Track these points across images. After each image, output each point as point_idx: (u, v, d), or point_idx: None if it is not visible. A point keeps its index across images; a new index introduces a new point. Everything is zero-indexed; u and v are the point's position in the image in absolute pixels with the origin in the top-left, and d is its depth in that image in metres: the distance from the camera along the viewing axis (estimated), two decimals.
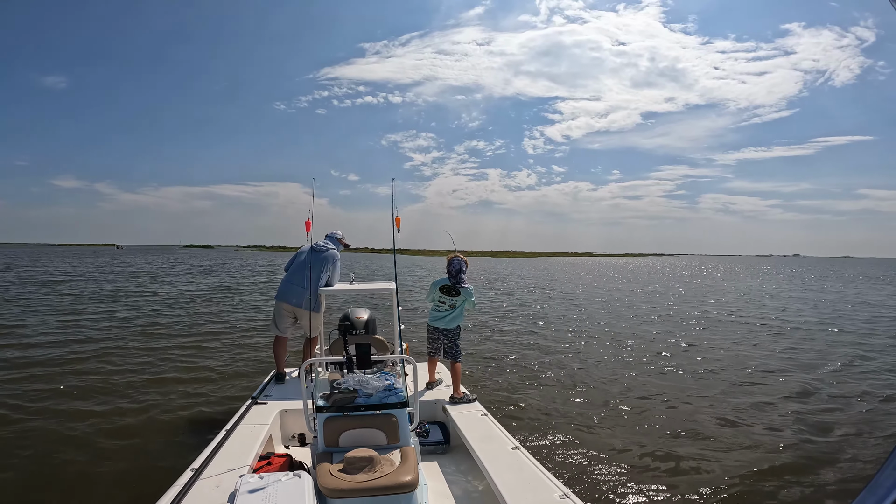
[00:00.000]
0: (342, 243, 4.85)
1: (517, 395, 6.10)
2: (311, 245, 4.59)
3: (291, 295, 4.55)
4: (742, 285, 29.62)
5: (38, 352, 7.80)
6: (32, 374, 6.58)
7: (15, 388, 5.89)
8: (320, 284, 4.51)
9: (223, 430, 3.22)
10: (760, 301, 19.50)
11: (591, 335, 10.61)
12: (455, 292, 4.22)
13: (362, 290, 4.75)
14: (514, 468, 2.73)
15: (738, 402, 5.97)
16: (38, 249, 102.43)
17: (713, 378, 7.18)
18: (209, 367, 7.11)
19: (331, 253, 4.63)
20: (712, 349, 9.28)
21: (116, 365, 7.09)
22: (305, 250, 4.61)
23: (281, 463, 2.78)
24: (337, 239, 4.82)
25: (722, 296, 21.62)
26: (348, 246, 4.92)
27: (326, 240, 4.76)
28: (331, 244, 4.72)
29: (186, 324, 10.91)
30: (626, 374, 7.26)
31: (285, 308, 4.59)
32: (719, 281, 33.86)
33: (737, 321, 13.34)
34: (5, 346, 8.20)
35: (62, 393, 5.71)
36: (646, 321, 13.03)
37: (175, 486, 2.40)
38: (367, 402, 2.62)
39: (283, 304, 4.59)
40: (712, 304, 17.98)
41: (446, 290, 4.25)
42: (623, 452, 4.44)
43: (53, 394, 5.67)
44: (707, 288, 26.59)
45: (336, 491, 2.14)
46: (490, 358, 8.20)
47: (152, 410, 5.23)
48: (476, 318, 12.09)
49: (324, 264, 4.54)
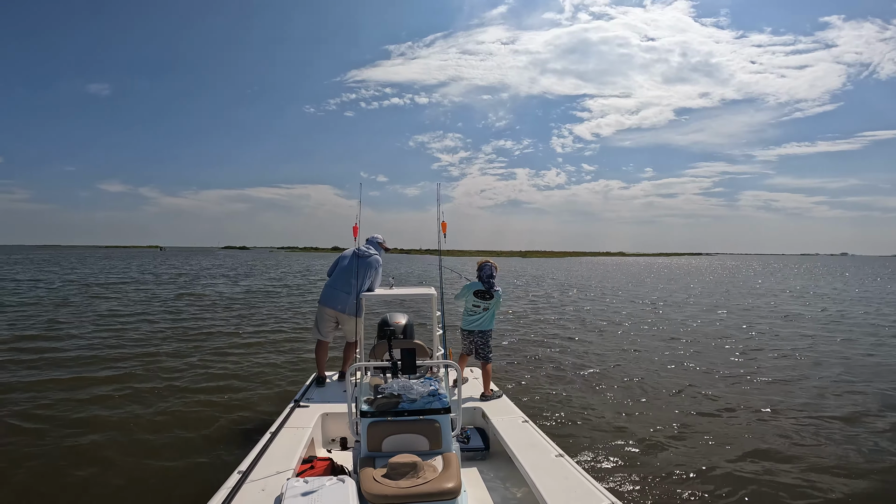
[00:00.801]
0: (383, 247, 4.89)
1: (565, 402, 5.93)
2: (354, 250, 4.60)
3: (336, 300, 4.59)
4: (794, 284, 28.17)
5: (84, 353, 8.22)
6: (82, 375, 6.92)
7: (61, 387, 6.20)
8: (363, 290, 4.55)
9: (268, 432, 3.27)
10: (820, 302, 18.42)
11: (645, 340, 10.18)
12: (489, 296, 4.43)
13: (403, 294, 4.76)
14: (559, 476, 2.65)
15: (821, 419, 5.35)
16: (89, 251, 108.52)
17: (788, 388, 6.62)
18: (252, 370, 7.30)
19: (374, 258, 4.67)
20: (784, 356, 8.63)
21: (161, 367, 7.36)
22: (348, 255, 4.63)
23: (324, 467, 2.79)
24: (378, 243, 4.85)
25: (778, 296, 20.60)
26: (388, 249, 4.95)
27: (368, 244, 4.78)
28: (373, 249, 4.75)
29: (230, 325, 11.26)
30: (692, 382, 6.81)
31: (328, 312, 4.64)
32: (772, 280, 32.33)
33: (801, 323, 12.58)
34: (73, 346, 8.67)
35: (105, 395, 5.94)
36: (702, 323, 12.48)
37: (223, 488, 2.45)
38: (411, 408, 2.61)
39: (326, 308, 4.64)
40: (772, 304, 17.09)
41: (480, 295, 4.46)
42: (684, 468, 4.14)
43: (99, 395, 5.91)
44: (760, 287, 25.42)
45: (379, 496, 2.13)
46: (538, 362, 8.06)
47: (197, 412, 5.38)
48: (524, 323, 11.93)
49: (367, 270, 4.58)
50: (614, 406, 5.79)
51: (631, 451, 4.43)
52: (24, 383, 6.26)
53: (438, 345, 4.49)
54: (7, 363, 7.25)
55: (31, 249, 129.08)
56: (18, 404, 5.44)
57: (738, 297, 20.12)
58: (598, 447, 4.50)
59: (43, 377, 6.55)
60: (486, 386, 4.28)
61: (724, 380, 7.02)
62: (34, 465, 4.04)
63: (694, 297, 20.29)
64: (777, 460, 4.34)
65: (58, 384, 6.25)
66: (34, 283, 21.20)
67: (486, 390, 4.25)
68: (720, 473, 4.03)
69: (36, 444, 4.41)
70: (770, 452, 4.49)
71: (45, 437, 4.56)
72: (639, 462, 4.22)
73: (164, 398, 5.81)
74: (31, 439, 4.53)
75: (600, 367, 7.66)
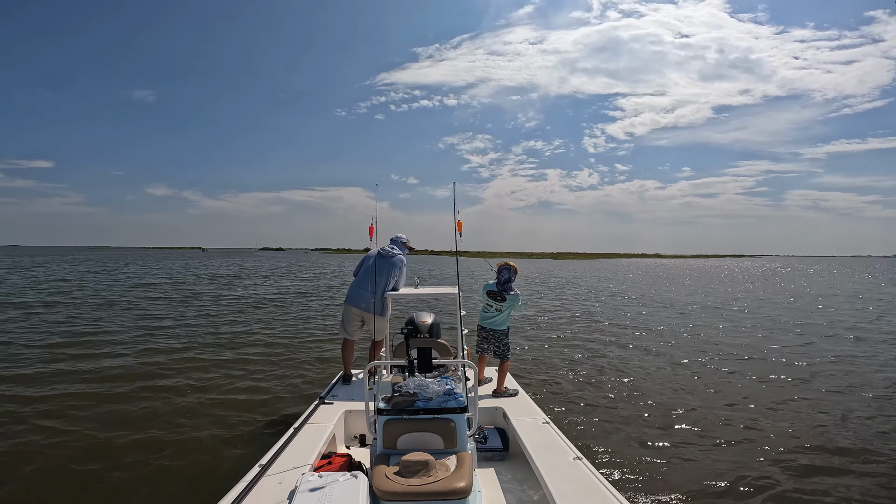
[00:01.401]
0: (407, 247, 4.94)
1: (591, 405, 5.83)
2: (378, 250, 4.67)
3: (360, 300, 4.67)
4: (850, 288, 26.53)
5: (127, 348, 8.67)
6: (118, 371, 7.28)
7: (99, 382, 6.56)
8: (387, 289, 4.61)
9: (291, 428, 3.36)
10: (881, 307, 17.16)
11: (686, 345, 9.78)
12: (501, 298, 4.49)
13: (427, 293, 4.81)
14: (574, 479, 2.61)
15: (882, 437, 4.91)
16: (136, 252, 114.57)
17: (842, 398, 6.14)
18: (285, 366, 7.52)
19: (398, 258, 4.73)
20: (849, 368, 7.84)
21: (196, 364, 7.69)
22: (373, 255, 4.70)
23: (341, 463, 2.83)
24: (402, 243, 4.91)
25: (834, 300, 19.42)
26: (412, 249, 5.01)
27: (392, 244, 4.85)
28: (397, 249, 4.81)
29: (265, 324, 11.64)
30: (740, 392, 6.42)
31: (354, 312, 4.73)
32: (826, 283, 30.51)
33: (868, 333, 11.46)
34: (116, 341, 9.19)
35: (140, 390, 6.25)
36: (755, 329, 11.92)
37: (242, 481, 2.53)
38: (427, 406, 2.63)
39: (352, 308, 4.73)
40: (832, 311, 15.97)
41: (493, 296, 4.55)
42: (709, 482, 3.94)
43: (133, 389, 6.23)
44: (810, 293, 24.07)
45: (389, 493, 2.15)
46: (570, 365, 7.94)
47: (228, 406, 5.58)
48: (575, 331, 11.76)
49: (391, 269, 4.64)
50: (647, 414, 5.62)
51: (655, 461, 4.28)
52: (80, 371, 6.70)
53: (464, 344, 4.49)
54: (61, 357, 7.76)
55: (83, 251, 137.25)
56: (65, 393, 5.82)
57: (805, 301, 19.06)
58: (621, 453, 4.39)
59: (97, 368, 6.97)
60: (499, 383, 4.35)
61: (775, 397, 6.24)
62: (71, 457, 4.29)
63: (746, 301, 19.39)
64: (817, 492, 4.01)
65: (99, 375, 6.65)
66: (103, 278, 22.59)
67: (500, 387, 4.33)
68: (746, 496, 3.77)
69: (72, 438, 4.67)
70: (812, 483, 4.11)
71: (79, 429, 4.83)
72: (662, 472, 4.08)
73: (195, 393, 6.07)
74: (71, 432, 4.82)
75: (637, 375, 7.45)
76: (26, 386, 6.17)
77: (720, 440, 4.79)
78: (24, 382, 6.32)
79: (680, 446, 4.63)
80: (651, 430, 5.03)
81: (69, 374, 6.78)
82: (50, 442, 4.50)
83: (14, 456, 4.20)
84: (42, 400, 5.63)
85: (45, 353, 7.93)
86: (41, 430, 4.75)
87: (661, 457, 4.34)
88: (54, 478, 3.87)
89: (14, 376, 6.60)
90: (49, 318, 11.52)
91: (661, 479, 3.92)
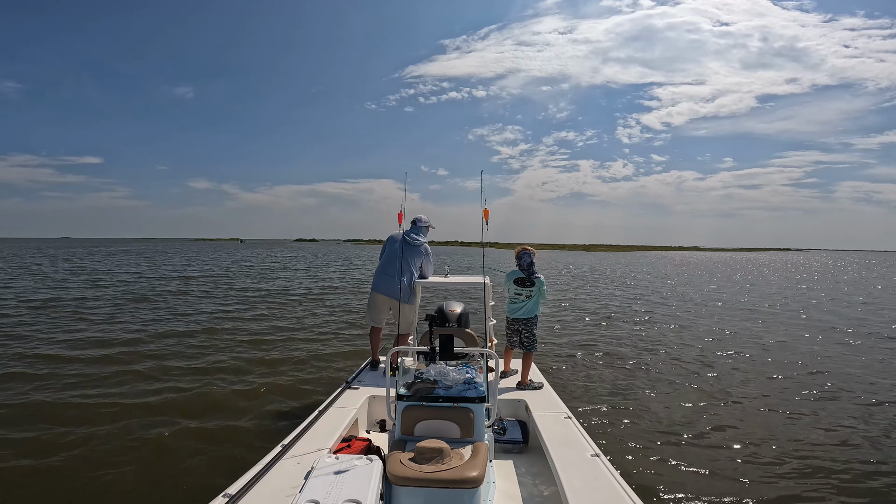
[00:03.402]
0: (429, 228, 4.91)
1: (620, 402, 5.68)
2: (403, 235, 4.69)
3: (385, 286, 4.71)
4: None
5: (174, 327, 9.11)
6: (157, 351, 7.67)
7: (139, 362, 6.91)
8: (414, 277, 4.63)
9: (316, 410, 3.44)
10: None
11: (735, 347, 8.88)
12: (529, 283, 4.42)
13: (455, 283, 4.81)
14: (588, 476, 2.56)
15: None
16: (179, 244, 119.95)
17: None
18: (319, 352, 7.75)
19: (423, 247, 4.76)
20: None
21: (232, 350, 8.01)
22: (398, 239, 4.71)
23: (360, 447, 2.87)
24: (425, 227, 4.87)
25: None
26: (433, 228, 4.97)
27: (415, 229, 4.80)
28: (422, 236, 4.80)
29: (301, 312, 12.01)
30: (795, 405, 5.68)
31: (380, 299, 4.77)
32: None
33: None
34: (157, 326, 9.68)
35: (174, 369, 6.56)
36: (825, 330, 10.74)
37: (264, 459, 2.62)
38: (446, 394, 2.62)
39: (378, 294, 4.77)
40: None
41: (521, 283, 4.45)
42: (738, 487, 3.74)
43: (170, 371, 6.54)
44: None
45: (401, 478, 2.17)
46: (597, 359, 7.78)
47: (261, 390, 5.78)
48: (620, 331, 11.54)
49: (416, 258, 4.67)
50: (680, 415, 5.32)
51: (678, 465, 4.07)
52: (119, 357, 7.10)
53: (491, 334, 4.47)
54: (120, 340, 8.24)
55: (130, 242, 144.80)
56: (105, 375, 6.19)
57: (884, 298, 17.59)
58: (644, 454, 4.23)
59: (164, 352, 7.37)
60: (524, 375, 4.29)
61: (837, 412, 5.42)
62: (108, 440, 4.55)
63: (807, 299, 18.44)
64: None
65: (144, 357, 7.03)
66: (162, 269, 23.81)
67: (524, 379, 4.26)
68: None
69: (111, 422, 4.92)
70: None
71: (120, 414, 5.06)
72: (685, 477, 3.88)
73: (230, 374, 6.35)
74: (108, 415, 5.11)
75: (673, 374, 7.17)
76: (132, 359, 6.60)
77: (760, 455, 4.29)
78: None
79: (709, 449, 4.40)
80: (681, 432, 4.79)
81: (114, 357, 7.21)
82: (114, 411, 4.90)
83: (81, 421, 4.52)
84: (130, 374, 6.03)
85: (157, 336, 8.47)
86: (114, 405, 5.10)
87: (685, 460, 4.14)
88: (113, 440, 4.17)
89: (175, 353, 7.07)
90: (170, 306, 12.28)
91: (682, 483, 3.73)
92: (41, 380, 5.94)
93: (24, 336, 8.38)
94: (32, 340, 8.07)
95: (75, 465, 3.85)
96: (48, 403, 5.15)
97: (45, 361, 6.76)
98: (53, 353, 7.19)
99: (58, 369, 6.38)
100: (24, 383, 5.79)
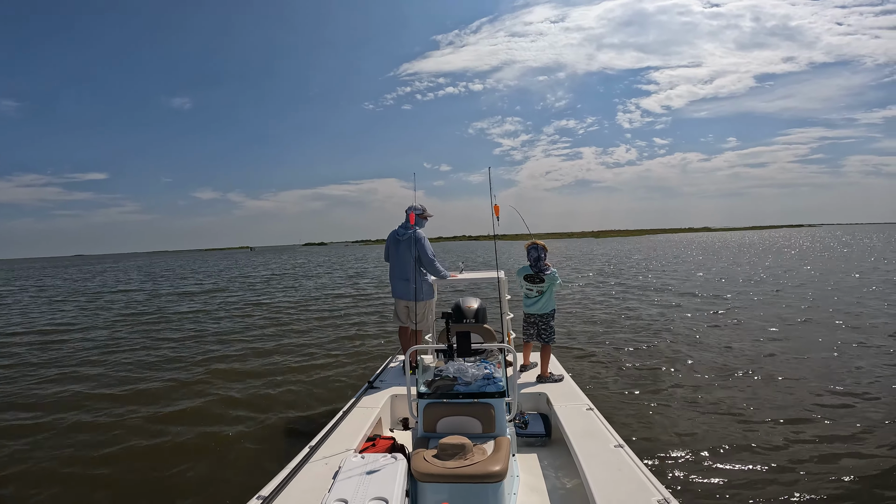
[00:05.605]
0: (423, 217, 4.78)
1: (643, 392, 5.61)
2: (392, 234, 4.71)
3: (399, 290, 4.77)
4: None
5: (197, 333, 9.29)
6: (187, 358, 7.85)
7: (163, 369, 7.07)
8: (420, 273, 4.62)
9: (340, 411, 3.49)
10: None
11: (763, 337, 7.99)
12: (539, 279, 4.38)
13: (472, 278, 4.83)
14: (612, 466, 2.56)
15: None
16: (189, 255, 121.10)
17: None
18: (343, 353, 7.91)
19: (413, 234, 4.59)
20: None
21: (259, 353, 8.20)
22: (391, 239, 4.76)
23: (385, 446, 2.93)
24: (419, 215, 4.73)
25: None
26: (430, 216, 4.87)
27: (404, 224, 4.70)
28: (409, 228, 4.65)
29: (324, 314, 12.27)
30: (831, 400, 5.16)
31: (399, 302, 4.84)
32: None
33: None
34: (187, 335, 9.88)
35: (208, 374, 6.76)
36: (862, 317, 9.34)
37: (292, 462, 2.69)
38: (466, 391, 2.66)
39: (396, 298, 4.84)
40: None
41: (530, 279, 4.42)
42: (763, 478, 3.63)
43: (200, 374, 6.74)
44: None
45: (426, 475, 2.22)
46: (619, 349, 7.73)
47: (289, 392, 5.95)
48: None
49: (409, 249, 4.60)
50: (703, 407, 5.11)
51: (702, 455, 4.00)
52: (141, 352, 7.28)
53: (509, 329, 4.48)
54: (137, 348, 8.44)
55: (143, 256, 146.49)
56: (124, 380, 6.36)
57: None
58: (668, 444, 4.20)
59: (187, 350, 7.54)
60: (543, 368, 4.27)
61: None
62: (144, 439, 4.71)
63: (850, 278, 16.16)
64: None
65: (170, 362, 7.19)
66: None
67: (544, 372, 4.25)
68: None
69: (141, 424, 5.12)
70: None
71: (148, 416, 5.30)
72: (709, 462, 3.86)
73: (256, 379, 6.52)
74: (142, 416, 5.27)
75: (697, 364, 6.87)
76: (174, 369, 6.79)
77: (785, 451, 4.04)
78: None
79: (741, 436, 4.29)
80: (705, 422, 4.66)
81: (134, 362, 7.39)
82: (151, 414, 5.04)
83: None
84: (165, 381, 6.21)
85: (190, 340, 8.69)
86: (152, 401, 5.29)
87: (711, 449, 4.07)
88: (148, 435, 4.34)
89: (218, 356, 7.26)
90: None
91: (709, 472, 3.69)
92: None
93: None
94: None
95: (141, 467, 4.11)
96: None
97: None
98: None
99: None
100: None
